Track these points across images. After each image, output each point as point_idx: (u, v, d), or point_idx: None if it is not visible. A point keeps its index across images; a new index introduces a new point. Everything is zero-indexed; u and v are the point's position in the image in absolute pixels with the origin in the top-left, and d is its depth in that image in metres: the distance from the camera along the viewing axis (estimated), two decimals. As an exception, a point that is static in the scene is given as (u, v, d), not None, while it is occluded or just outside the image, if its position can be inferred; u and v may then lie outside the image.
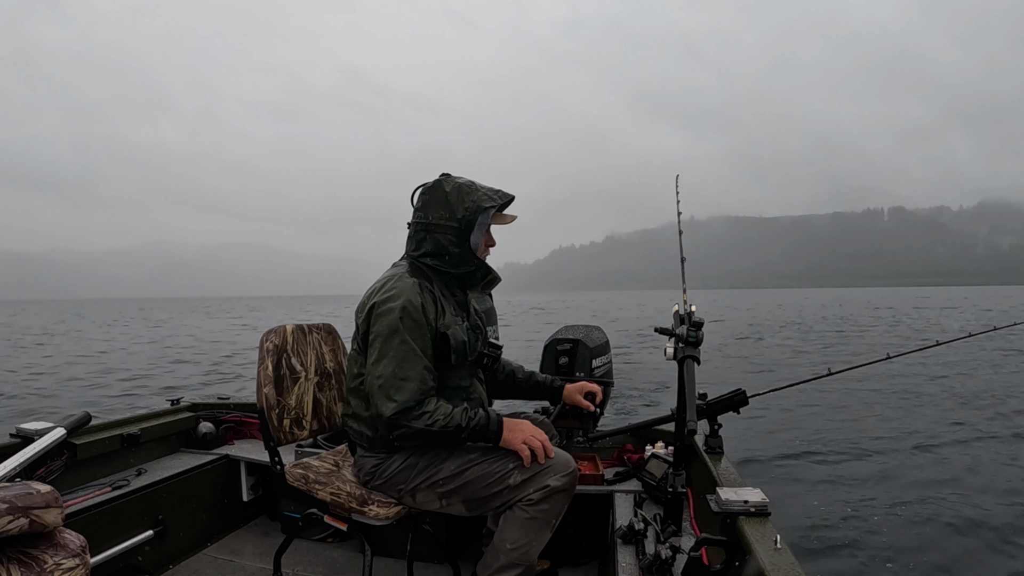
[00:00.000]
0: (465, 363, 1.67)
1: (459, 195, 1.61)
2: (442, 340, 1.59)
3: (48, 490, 1.08)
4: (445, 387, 1.62)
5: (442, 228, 1.62)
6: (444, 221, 1.62)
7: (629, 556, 1.56)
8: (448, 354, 1.60)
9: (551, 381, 1.98)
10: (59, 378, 11.22)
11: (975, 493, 4.15)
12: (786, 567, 1.10)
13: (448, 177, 1.67)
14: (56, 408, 8.00)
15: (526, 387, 1.98)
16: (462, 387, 1.67)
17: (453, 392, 1.64)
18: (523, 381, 1.97)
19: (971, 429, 6.01)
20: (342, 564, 2.21)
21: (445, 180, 1.65)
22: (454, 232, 1.62)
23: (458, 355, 1.62)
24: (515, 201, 1.73)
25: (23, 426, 1.86)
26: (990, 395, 7.81)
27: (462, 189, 1.62)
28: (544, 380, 1.99)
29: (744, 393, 1.93)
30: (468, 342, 1.66)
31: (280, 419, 1.78)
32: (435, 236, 1.63)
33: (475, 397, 1.71)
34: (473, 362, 1.72)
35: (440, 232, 1.62)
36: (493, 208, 1.64)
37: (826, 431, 5.97)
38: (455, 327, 1.62)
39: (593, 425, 2.29)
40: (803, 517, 3.76)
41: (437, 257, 1.65)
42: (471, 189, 1.63)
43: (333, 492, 1.66)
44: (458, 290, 1.74)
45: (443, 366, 1.60)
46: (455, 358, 1.61)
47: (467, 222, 1.61)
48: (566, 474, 1.51)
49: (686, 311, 1.76)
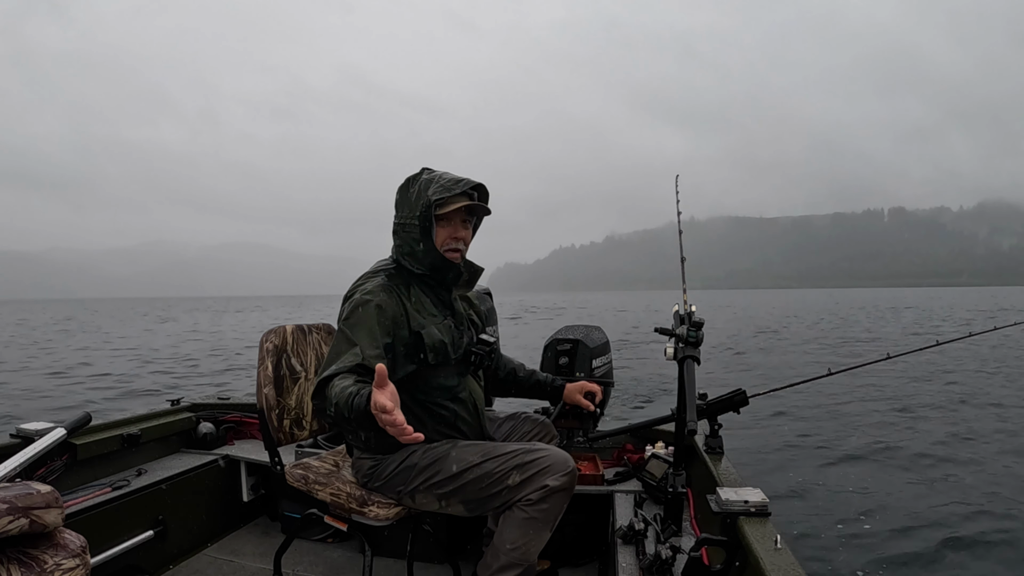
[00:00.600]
0: (449, 362, 1.64)
1: (419, 191, 1.59)
2: (416, 339, 1.57)
3: (48, 490, 1.08)
4: (429, 387, 1.61)
5: (408, 227, 1.61)
6: (408, 220, 1.61)
7: (629, 556, 1.56)
8: (424, 353, 1.57)
9: (552, 380, 1.98)
10: (175, 375, 11.33)
11: (975, 493, 4.15)
12: (786, 567, 1.10)
13: (422, 172, 1.63)
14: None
15: (527, 385, 1.98)
16: (448, 386, 1.65)
17: (438, 391, 1.63)
18: (524, 379, 1.97)
19: (972, 429, 6.00)
20: (342, 564, 2.21)
21: (416, 177, 1.62)
22: (417, 230, 1.60)
23: (436, 354, 1.59)
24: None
25: (23, 426, 1.86)
26: (990, 395, 7.81)
27: (424, 184, 1.59)
28: (545, 379, 1.98)
29: (744, 393, 1.93)
30: (450, 341, 1.63)
31: (280, 419, 1.78)
32: (403, 235, 1.63)
33: (464, 397, 1.68)
34: (460, 361, 1.68)
35: (407, 231, 1.62)
36: (442, 200, 1.57)
37: (826, 431, 5.96)
38: (431, 326, 1.60)
39: (593, 425, 2.29)
40: (803, 517, 3.76)
41: (409, 256, 1.64)
42: (430, 183, 1.59)
43: (333, 492, 1.66)
44: (440, 289, 1.70)
45: (424, 365, 1.59)
46: (433, 357, 1.58)
47: (426, 218, 1.59)
48: (565, 474, 1.51)
49: (686, 311, 1.76)
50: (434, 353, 1.59)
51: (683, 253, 1.98)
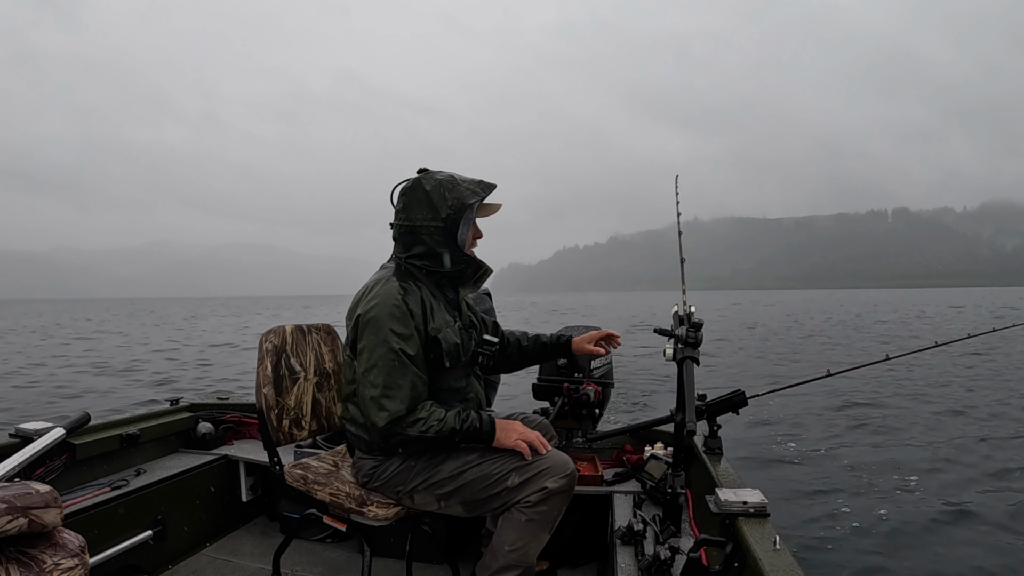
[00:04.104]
0: (459, 364, 1.65)
1: (441, 193, 1.57)
2: (433, 344, 1.57)
3: (47, 490, 1.08)
4: (439, 389, 1.61)
5: (428, 229, 1.59)
6: (428, 222, 1.58)
7: (628, 557, 1.56)
8: (440, 358, 1.58)
9: (557, 338, 1.98)
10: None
11: (975, 493, 4.15)
12: (785, 568, 1.10)
13: (427, 174, 1.62)
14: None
15: (533, 352, 1.98)
16: (457, 388, 1.66)
17: (448, 394, 1.63)
18: (530, 347, 1.97)
19: (972, 430, 6.01)
20: (341, 564, 2.21)
21: (424, 179, 1.61)
22: (440, 232, 1.59)
23: (451, 358, 1.60)
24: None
25: (22, 426, 1.86)
26: (991, 395, 7.81)
27: (443, 186, 1.58)
28: (550, 339, 1.98)
29: (743, 394, 1.93)
30: (461, 343, 1.64)
31: (279, 419, 1.78)
32: (422, 238, 1.60)
33: (471, 397, 1.70)
34: (468, 362, 1.70)
35: (427, 233, 1.59)
36: (477, 202, 1.61)
37: (825, 432, 5.96)
38: (446, 329, 1.60)
39: (592, 426, 2.29)
40: (802, 518, 3.76)
41: (428, 258, 1.63)
42: (452, 185, 1.59)
43: (332, 492, 1.66)
44: (449, 289, 1.71)
45: (436, 369, 1.59)
46: (448, 361, 1.59)
47: (452, 220, 1.58)
48: (564, 476, 1.51)
49: (685, 312, 1.76)
50: (450, 357, 1.59)
51: (682, 254, 1.98)
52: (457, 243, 1.62)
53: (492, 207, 1.70)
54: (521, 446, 1.52)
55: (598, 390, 2.23)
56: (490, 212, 1.71)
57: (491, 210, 1.70)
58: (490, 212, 1.71)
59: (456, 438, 1.51)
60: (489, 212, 1.70)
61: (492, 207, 1.70)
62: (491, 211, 1.71)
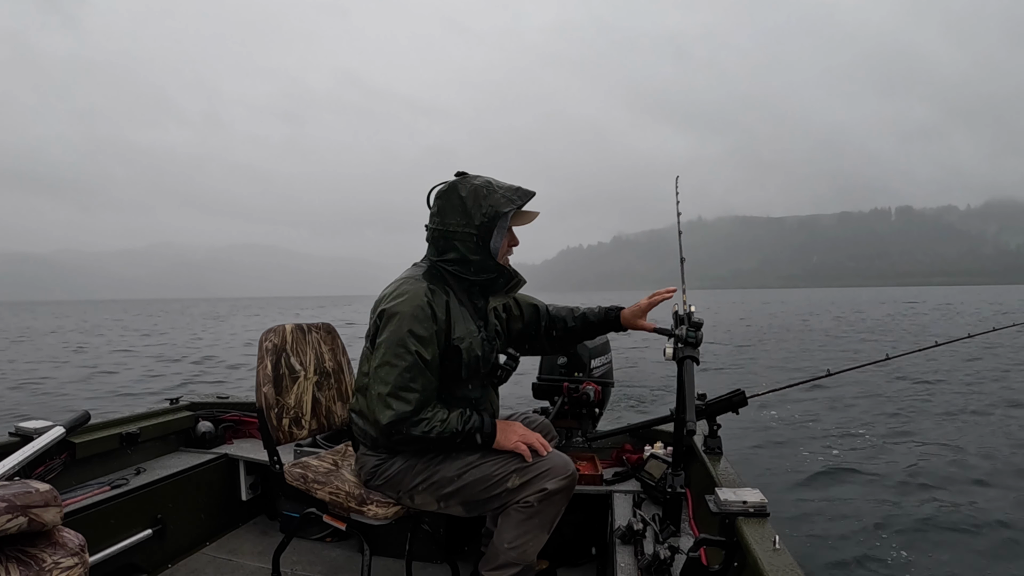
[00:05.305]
0: (477, 376, 1.63)
1: (476, 199, 1.54)
2: (454, 353, 1.54)
3: (47, 489, 1.08)
4: (455, 398, 1.59)
5: (461, 236, 1.55)
6: (462, 228, 1.55)
7: (628, 556, 1.56)
8: (459, 368, 1.56)
9: (605, 312, 1.87)
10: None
11: (975, 493, 4.15)
12: (785, 567, 1.10)
13: (464, 178, 1.58)
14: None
15: (581, 331, 1.89)
16: (472, 398, 1.63)
17: (463, 404, 1.59)
18: (577, 327, 1.88)
19: (972, 429, 6.00)
20: (341, 564, 2.21)
21: (461, 183, 1.57)
22: (473, 239, 1.55)
23: (469, 369, 1.58)
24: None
25: (22, 425, 1.86)
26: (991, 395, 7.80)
27: (479, 192, 1.54)
28: (597, 317, 1.87)
29: (743, 393, 1.93)
30: (482, 355, 1.61)
31: (279, 418, 1.78)
32: (455, 244, 1.57)
33: (485, 408, 1.67)
34: (487, 373, 1.67)
35: (459, 240, 1.56)
36: (512, 210, 1.57)
37: (825, 432, 5.96)
38: (470, 339, 1.58)
39: (592, 425, 2.29)
40: (802, 517, 3.76)
41: (460, 264, 1.59)
42: (488, 191, 1.55)
43: (332, 492, 1.66)
44: (479, 297, 1.68)
45: (454, 378, 1.57)
46: (466, 372, 1.57)
47: (486, 228, 1.55)
48: (564, 477, 1.51)
49: (685, 311, 1.76)
50: (468, 368, 1.58)
51: (683, 253, 1.98)
52: (490, 251, 1.59)
53: (529, 215, 1.65)
54: (522, 448, 1.52)
55: (598, 389, 2.23)
56: (527, 220, 1.66)
57: (528, 218, 1.66)
58: (527, 220, 1.66)
59: (457, 439, 1.51)
60: (526, 220, 1.66)
61: (529, 215, 1.65)
62: (528, 219, 1.66)
